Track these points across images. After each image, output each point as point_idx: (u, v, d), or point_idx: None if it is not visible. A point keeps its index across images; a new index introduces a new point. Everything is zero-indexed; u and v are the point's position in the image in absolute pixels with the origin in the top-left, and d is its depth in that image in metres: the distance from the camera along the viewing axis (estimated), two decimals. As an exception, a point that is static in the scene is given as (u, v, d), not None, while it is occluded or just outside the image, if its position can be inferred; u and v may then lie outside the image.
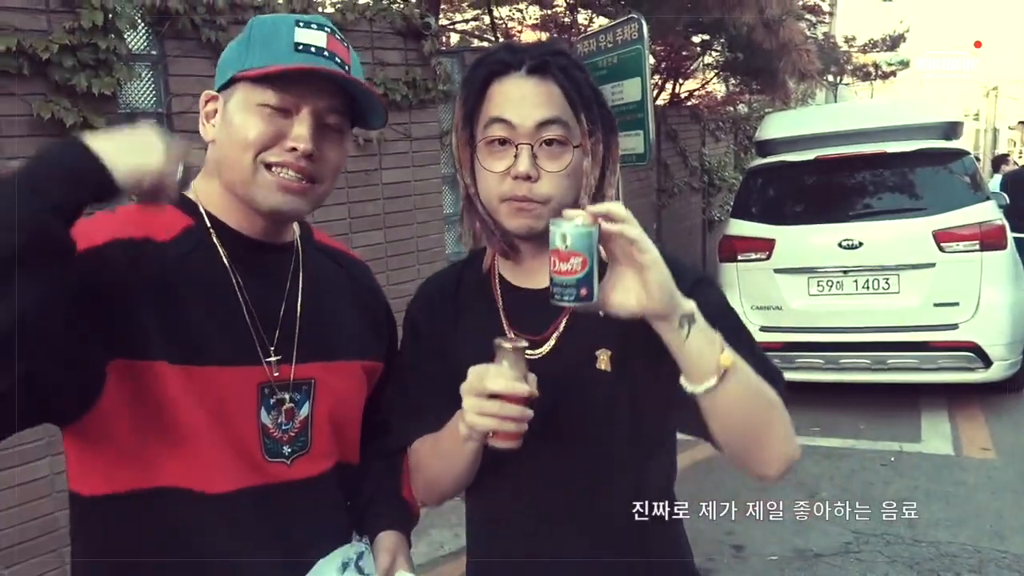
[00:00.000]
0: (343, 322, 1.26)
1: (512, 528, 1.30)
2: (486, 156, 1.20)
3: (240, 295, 1.13)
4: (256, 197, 1.11)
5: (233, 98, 1.11)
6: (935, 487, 4.41)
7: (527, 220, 1.18)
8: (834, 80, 15.67)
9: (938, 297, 5.28)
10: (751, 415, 1.13)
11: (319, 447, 1.19)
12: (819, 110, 9.41)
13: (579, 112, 1.20)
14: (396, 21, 4.43)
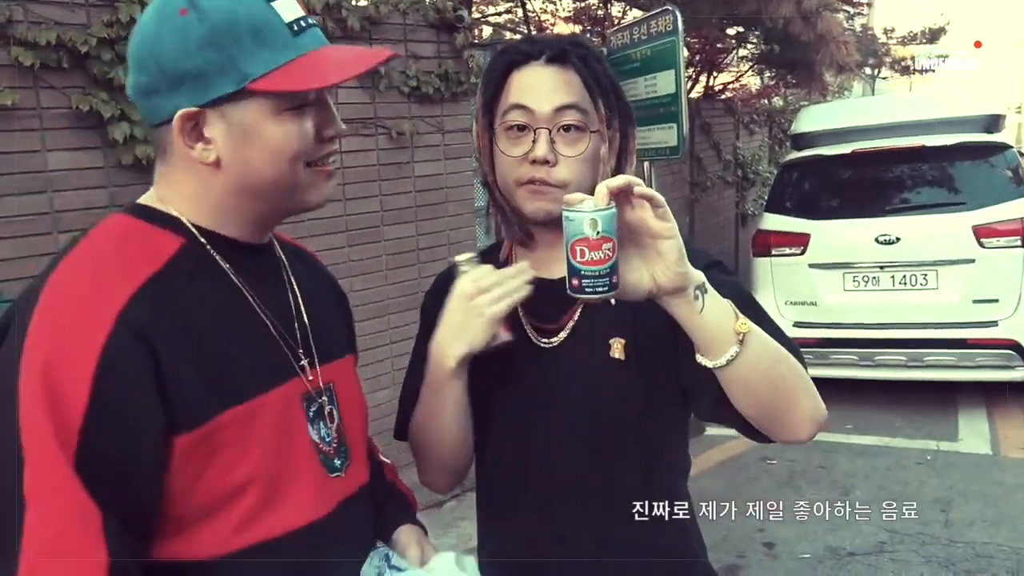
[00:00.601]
0: (331, 318, 1.20)
1: (522, 518, 1.30)
2: (504, 142, 1.21)
3: (257, 306, 1.02)
4: (309, 199, 1.03)
5: (248, 111, 0.95)
6: (972, 487, 4.34)
7: (544, 203, 1.19)
8: (872, 73, 15.42)
9: (977, 294, 5.19)
10: (775, 379, 1.10)
11: (357, 453, 1.13)
12: (856, 103, 9.29)
13: (597, 99, 1.21)
14: (429, 14, 4.43)
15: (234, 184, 0.98)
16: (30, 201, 2.98)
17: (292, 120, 0.97)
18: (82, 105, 3.02)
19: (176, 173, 1.00)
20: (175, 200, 1.00)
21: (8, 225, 2.92)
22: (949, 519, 3.98)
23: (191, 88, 0.93)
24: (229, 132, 0.96)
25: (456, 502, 4.18)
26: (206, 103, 0.94)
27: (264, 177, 0.98)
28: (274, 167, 0.97)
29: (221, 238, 1.01)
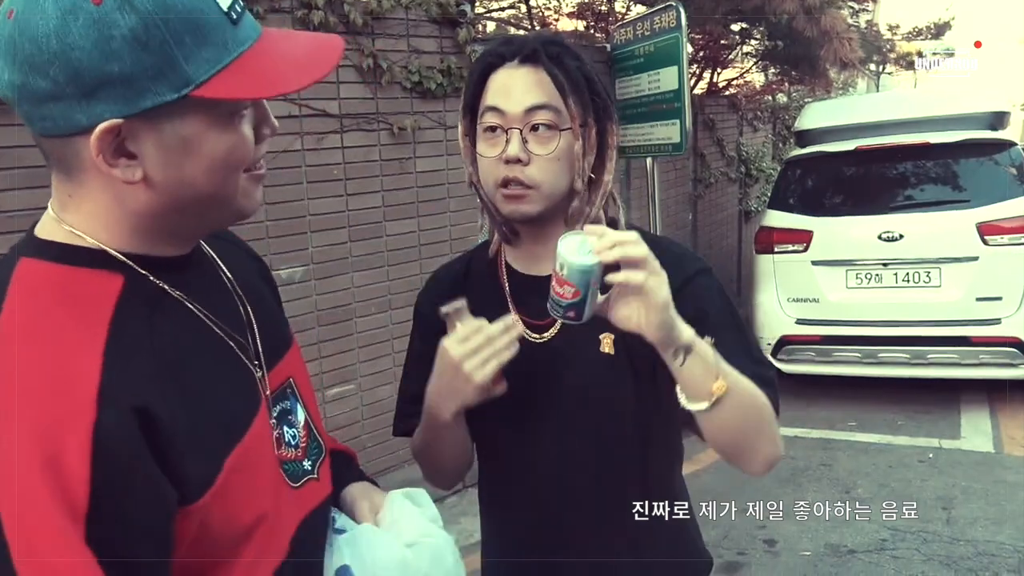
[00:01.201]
0: (271, 307, 1.08)
1: (519, 514, 1.35)
2: (482, 143, 1.25)
3: (219, 329, 0.91)
4: (243, 208, 0.89)
5: (188, 122, 0.80)
6: (974, 485, 4.33)
7: (519, 206, 1.23)
8: (876, 69, 15.38)
9: (981, 291, 5.18)
10: (740, 430, 1.17)
11: (327, 445, 1.08)
12: (860, 99, 9.26)
13: (568, 97, 1.23)
14: (431, 9, 4.42)
15: (161, 204, 0.83)
16: (30, 196, 2.97)
17: (236, 127, 0.84)
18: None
19: (88, 193, 0.82)
20: (87, 225, 0.83)
21: (8, 220, 2.92)
22: (951, 517, 3.97)
23: (114, 96, 0.76)
24: (162, 146, 0.80)
25: (457, 498, 4.18)
26: (134, 114, 0.77)
27: (200, 192, 0.84)
28: (213, 180, 0.83)
29: (155, 260, 0.86)
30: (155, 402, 0.77)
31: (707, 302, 1.24)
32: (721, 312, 1.25)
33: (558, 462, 1.28)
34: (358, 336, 4.15)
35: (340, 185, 4.01)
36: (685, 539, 1.40)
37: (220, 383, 0.89)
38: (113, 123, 0.76)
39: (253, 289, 1.02)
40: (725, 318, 1.25)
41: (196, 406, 0.82)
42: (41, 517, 0.69)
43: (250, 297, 0.99)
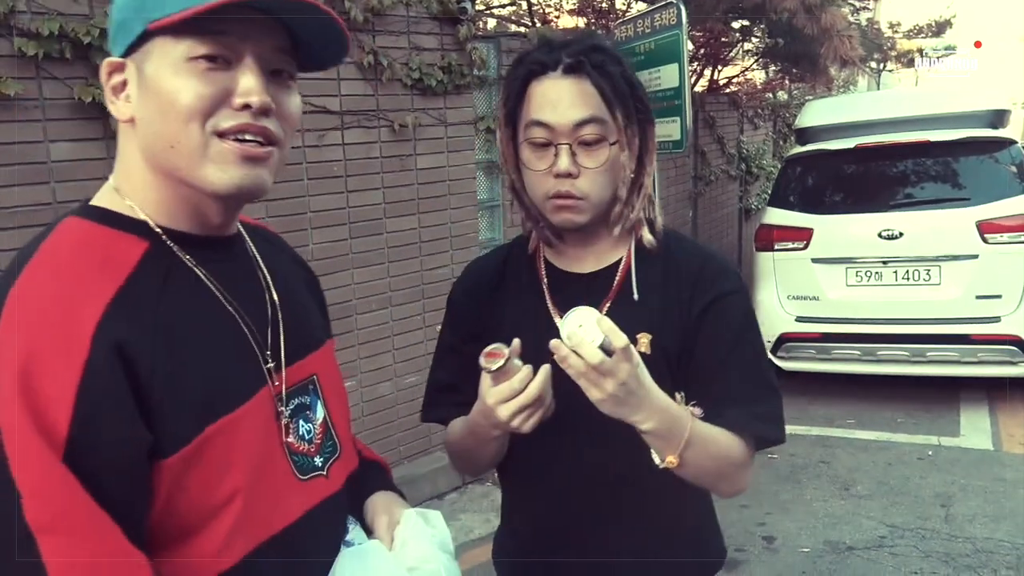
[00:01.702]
0: (307, 307, 1.12)
1: (545, 507, 1.37)
2: (529, 156, 1.27)
3: (233, 310, 0.95)
4: (210, 177, 0.88)
5: (150, 59, 0.86)
6: (973, 482, 4.34)
7: (570, 215, 1.26)
8: (877, 67, 15.37)
9: (980, 289, 5.18)
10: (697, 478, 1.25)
11: (347, 447, 1.09)
12: (860, 97, 9.25)
13: (615, 109, 1.24)
14: (432, 6, 4.42)
15: (146, 148, 0.90)
16: (32, 192, 2.98)
17: (193, 73, 0.86)
18: (84, 96, 3.02)
19: (120, 149, 0.94)
20: (126, 182, 0.93)
21: (10, 216, 2.92)
22: (950, 514, 3.98)
23: (120, 40, 0.89)
24: (139, 83, 0.88)
25: (457, 494, 4.19)
26: (124, 53, 0.88)
27: (161, 136, 0.88)
28: (169, 126, 0.87)
29: (187, 236, 0.93)
30: (141, 351, 0.82)
31: (727, 327, 1.29)
32: (738, 341, 1.29)
33: (592, 458, 1.30)
34: (359, 332, 4.16)
35: (341, 182, 4.02)
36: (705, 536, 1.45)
37: (217, 357, 0.91)
38: (112, 60, 0.89)
39: (289, 290, 1.06)
40: (740, 349, 1.29)
41: (183, 369, 0.85)
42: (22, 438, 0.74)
43: (282, 296, 1.03)
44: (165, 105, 0.86)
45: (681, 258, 1.34)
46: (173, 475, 0.84)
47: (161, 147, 0.88)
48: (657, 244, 1.34)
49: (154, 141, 0.89)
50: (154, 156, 0.90)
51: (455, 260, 4.68)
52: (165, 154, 0.88)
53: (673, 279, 1.31)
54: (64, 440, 0.75)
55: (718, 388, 1.27)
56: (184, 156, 0.88)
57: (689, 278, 1.31)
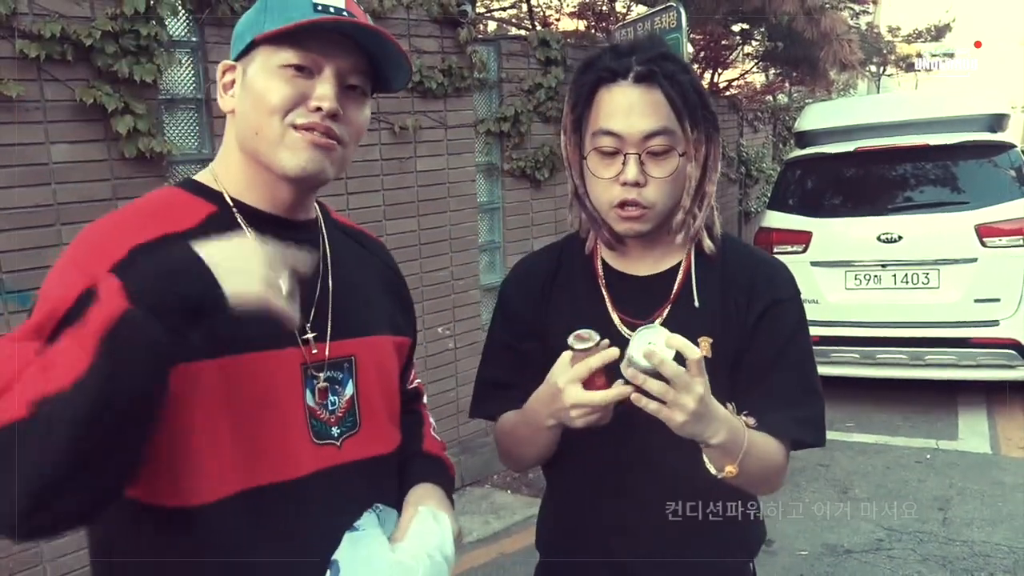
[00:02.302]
0: (372, 298, 1.25)
1: (600, 509, 1.37)
2: (596, 164, 1.27)
3: None
4: (282, 159, 1.07)
5: (253, 63, 1.08)
6: (971, 486, 4.35)
7: (634, 225, 1.28)
8: (876, 71, 15.39)
9: (979, 293, 5.19)
10: (743, 484, 1.26)
11: (369, 427, 1.17)
12: (860, 101, 9.27)
13: (684, 121, 1.25)
14: (432, 9, 4.43)
15: (239, 135, 1.11)
16: (33, 193, 2.99)
17: (282, 78, 1.06)
18: (86, 98, 3.03)
19: (226, 133, 1.15)
20: (220, 165, 1.14)
21: (11, 217, 2.93)
22: (947, 518, 3.99)
23: (235, 47, 1.12)
24: (242, 83, 1.10)
25: (456, 496, 4.19)
26: (236, 57, 1.11)
27: (250, 126, 1.08)
28: (256, 115, 1.07)
29: (253, 210, 1.12)
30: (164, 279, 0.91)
31: (779, 333, 1.31)
32: (791, 346, 1.32)
33: (646, 460, 1.30)
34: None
35: (341, 184, 4.02)
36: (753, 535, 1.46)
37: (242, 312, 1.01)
38: (227, 62, 1.12)
39: (352, 282, 1.20)
40: (787, 354, 1.31)
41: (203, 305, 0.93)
42: None
43: (341, 282, 1.18)
44: (257, 101, 1.07)
45: (737, 264, 1.35)
46: (187, 385, 0.97)
47: (249, 134, 1.09)
48: (715, 249, 1.35)
49: (245, 128, 1.09)
50: (244, 141, 1.10)
51: (455, 262, 4.69)
52: (252, 140, 1.08)
53: (731, 285, 1.33)
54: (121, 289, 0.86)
55: (764, 390, 1.29)
56: (264, 141, 1.07)
57: (745, 284, 1.33)
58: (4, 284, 2.93)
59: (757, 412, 1.26)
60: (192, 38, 3.52)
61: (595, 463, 1.35)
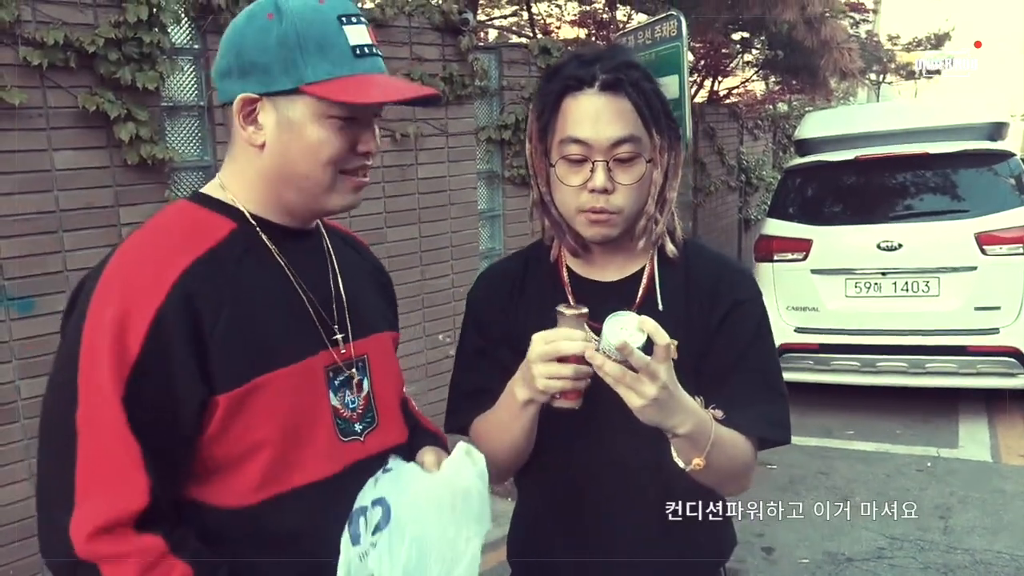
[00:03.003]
0: (370, 297, 1.30)
1: (570, 511, 1.38)
2: (564, 172, 1.28)
3: (297, 284, 1.14)
4: (331, 202, 1.13)
5: (295, 109, 1.07)
6: (972, 494, 4.34)
7: (603, 229, 1.29)
8: (876, 79, 15.43)
9: (979, 301, 5.19)
10: (710, 480, 1.28)
11: (386, 420, 1.24)
12: (860, 109, 9.28)
13: (650, 128, 1.27)
14: (434, 17, 4.45)
15: (272, 169, 1.11)
16: (36, 199, 2.99)
17: (332, 128, 1.08)
18: (88, 105, 3.04)
19: (235, 155, 1.14)
20: (234, 182, 1.14)
21: (14, 223, 2.94)
22: (948, 526, 3.98)
23: (256, 78, 1.07)
24: (278, 122, 1.08)
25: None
26: (264, 93, 1.07)
27: (297, 170, 1.10)
28: (307, 164, 1.09)
29: (269, 223, 1.14)
30: (209, 305, 1.02)
31: (741, 333, 1.33)
32: (750, 346, 1.33)
33: (614, 460, 1.31)
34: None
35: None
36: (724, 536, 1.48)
37: (277, 320, 1.10)
38: (250, 95, 1.07)
39: (357, 284, 1.25)
40: (751, 354, 1.33)
41: (244, 324, 1.05)
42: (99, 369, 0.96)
43: (348, 285, 1.22)
44: (307, 151, 1.08)
45: (700, 267, 1.37)
46: (224, 412, 1.02)
47: (294, 176, 1.10)
48: (678, 253, 1.37)
49: (287, 171, 1.10)
50: (284, 179, 1.11)
51: (455, 270, 4.69)
52: (295, 181, 1.11)
53: (694, 287, 1.35)
54: (133, 361, 0.97)
55: (728, 391, 1.30)
56: (312, 188, 1.11)
57: (708, 286, 1.35)
58: (6, 291, 2.93)
59: (726, 411, 1.27)
60: (194, 45, 3.53)
61: (566, 468, 1.35)
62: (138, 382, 0.97)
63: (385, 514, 1.08)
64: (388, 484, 1.12)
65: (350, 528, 1.10)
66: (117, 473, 0.96)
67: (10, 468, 2.99)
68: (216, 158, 3.55)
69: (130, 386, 0.97)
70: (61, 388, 0.99)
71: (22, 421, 2.99)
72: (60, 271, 3.05)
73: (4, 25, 2.83)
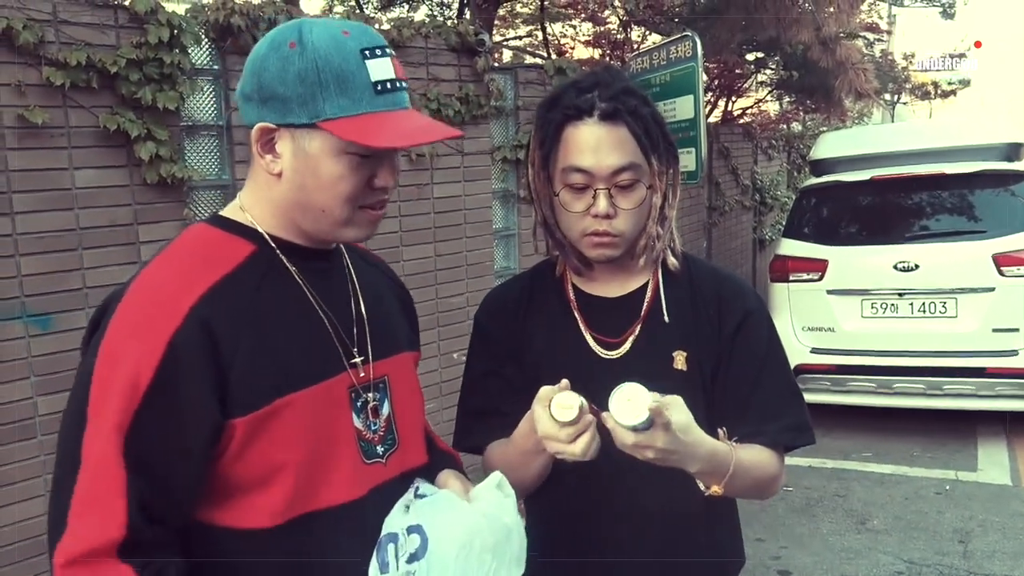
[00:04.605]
0: (392, 316, 1.31)
1: (579, 523, 1.38)
2: (568, 199, 1.32)
3: (318, 306, 1.14)
4: (347, 235, 1.13)
5: (314, 142, 1.06)
6: (992, 518, 4.29)
7: (607, 251, 1.33)
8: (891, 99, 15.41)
9: (997, 322, 5.15)
10: (738, 495, 1.33)
11: (406, 442, 1.24)
12: (875, 129, 9.27)
13: (649, 155, 1.31)
14: (450, 38, 4.48)
15: (288, 198, 1.11)
16: (57, 218, 3.02)
17: (350, 164, 1.07)
18: (109, 124, 3.07)
19: (254, 178, 1.15)
20: (254, 204, 1.14)
21: (36, 241, 2.97)
22: (968, 550, 3.93)
23: (275, 108, 1.06)
24: (295, 154, 1.08)
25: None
26: (283, 124, 1.07)
27: (313, 202, 1.09)
28: (323, 198, 1.09)
29: (289, 244, 1.14)
30: (227, 329, 1.02)
31: (757, 345, 1.37)
32: (767, 357, 1.38)
33: (625, 474, 1.31)
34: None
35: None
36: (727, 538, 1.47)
37: (298, 342, 1.10)
38: (267, 125, 1.07)
39: (377, 303, 1.25)
40: (769, 365, 1.38)
41: (264, 347, 1.05)
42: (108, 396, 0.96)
43: (369, 305, 1.22)
44: (323, 185, 1.08)
45: (702, 279, 1.42)
46: (242, 435, 1.02)
47: (310, 207, 1.10)
48: (679, 266, 1.41)
49: (305, 201, 1.10)
50: (298, 206, 1.11)
51: (470, 288, 4.70)
52: (312, 213, 1.11)
53: (699, 298, 1.39)
54: (144, 389, 0.97)
55: (751, 402, 1.35)
56: (329, 221, 1.11)
57: (711, 296, 1.39)
58: (26, 307, 2.96)
59: (750, 423, 1.33)
60: (214, 66, 3.57)
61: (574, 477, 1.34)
62: (146, 412, 0.97)
63: (423, 544, 1.06)
64: (424, 512, 1.10)
65: (378, 555, 1.08)
66: (101, 502, 0.96)
67: (28, 484, 3.00)
68: (235, 177, 3.58)
69: (137, 416, 0.97)
70: (73, 412, 0.99)
71: (39, 437, 3.01)
72: (79, 288, 3.08)
73: (28, 46, 2.88)
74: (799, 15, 7.23)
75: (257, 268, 1.10)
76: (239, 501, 1.06)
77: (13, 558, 2.98)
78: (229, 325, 1.03)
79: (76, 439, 0.97)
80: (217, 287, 1.04)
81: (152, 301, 1.02)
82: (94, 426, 0.96)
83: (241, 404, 1.02)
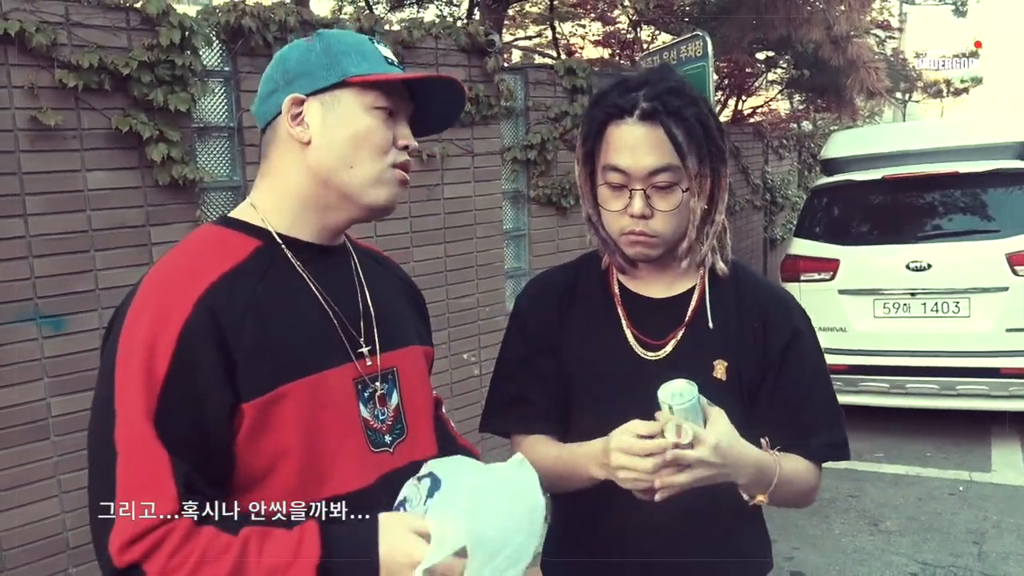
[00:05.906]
0: (401, 312, 1.34)
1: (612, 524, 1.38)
2: (606, 197, 1.34)
3: (322, 298, 1.17)
4: (376, 195, 1.17)
5: (342, 101, 1.15)
6: (1006, 519, 4.26)
7: (643, 250, 1.34)
8: (903, 97, 15.33)
9: (1011, 322, 5.11)
10: (779, 504, 1.35)
11: (415, 433, 1.26)
12: (887, 128, 9.22)
13: (686, 157, 1.30)
14: (460, 38, 4.48)
15: (317, 165, 1.16)
16: (69, 219, 3.04)
17: (378, 117, 1.16)
18: (122, 126, 3.09)
19: (270, 170, 1.19)
20: (265, 200, 1.19)
21: (48, 243, 2.98)
22: (983, 552, 3.91)
23: (302, 82, 1.16)
24: (324, 116, 1.15)
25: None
26: (311, 92, 1.15)
27: (344, 160, 1.15)
28: (356, 153, 1.15)
29: (296, 241, 1.18)
30: (233, 318, 1.06)
31: (807, 369, 1.40)
32: (815, 376, 1.41)
33: None
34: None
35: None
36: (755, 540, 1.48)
37: (301, 332, 1.13)
38: (297, 96, 1.15)
39: (384, 299, 1.28)
40: (821, 384, 1.42)
41: (268, 336, 1.09)
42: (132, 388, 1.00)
43: (376, 299, 1.25)
44: (357, 138, 1.15)
45: (748, 289, 1.42)
46: (251, 420, 1.05)
47: (340, 166, 1.16)
48: (727, 272, 1.41)
49: (334, 161, 1.15)
50: (327, 171, 1.16)
51: (480, 289, 4.70)
52: (342, 172, 1.16)
53: (745, 308, 1.39)
54: (163, 378, 1.01)
55: (798, 418, 1.37)
56: (359, 176, 1.16)
57: (758, 309, 1.39)
58: (38, 309, 2.97)
59: (791, 439, 1.34)
60: (225, 68, 3.58)
61: None
62: (168, 397, 1.01)
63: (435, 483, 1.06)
64: (437, 465, 1.09)
65: None
66: (147, 484, 0.98)
67: (41, 485, 3.02)
68: (246, 179, 3.59)
69: (161, 401, 1.01)
70: (102, 408, 1.03)
71: (53, 438, 3.02)
72: (92, 290, 3.09)
73: (41, 48, 2.89)
74: (810, 14, 7.21)
75: (262, 262, 1.14)
76: (249, 488, 1.09)
77: (28, 558, 2.99)
78: (234, 315, 1.07)
79: (107, 433, 1.00)
80: (223, 279, 1.09)
81: (164, 294, 1.06)
82: (123, 417, 1.00)
83: (248, 389, 1.06)
